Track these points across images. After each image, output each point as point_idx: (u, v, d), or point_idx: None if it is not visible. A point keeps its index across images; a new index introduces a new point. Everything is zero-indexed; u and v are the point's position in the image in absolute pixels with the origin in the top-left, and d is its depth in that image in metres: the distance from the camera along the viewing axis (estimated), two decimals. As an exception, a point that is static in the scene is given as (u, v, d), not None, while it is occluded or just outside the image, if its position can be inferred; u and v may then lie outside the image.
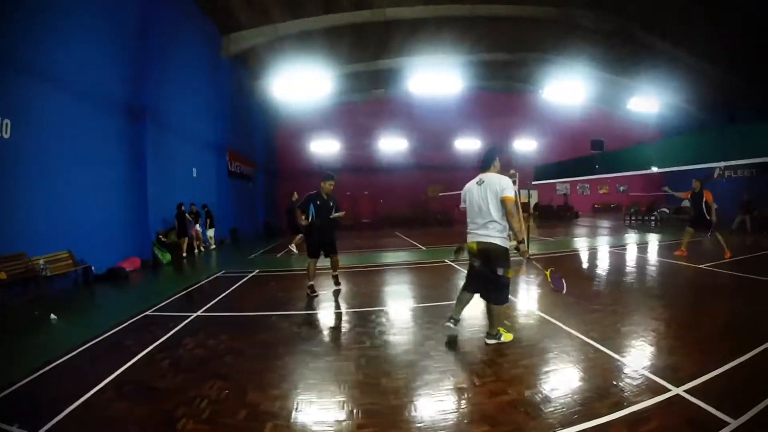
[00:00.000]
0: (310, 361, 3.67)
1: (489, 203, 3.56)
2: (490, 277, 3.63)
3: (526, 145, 26.64)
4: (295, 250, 11.22)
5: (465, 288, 3.98)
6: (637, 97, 20.57)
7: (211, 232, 12.87)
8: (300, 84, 15.77)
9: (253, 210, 19.95)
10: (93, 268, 7.89)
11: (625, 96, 21.58)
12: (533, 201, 27.58)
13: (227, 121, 16.12)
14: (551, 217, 24.15)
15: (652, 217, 18.21)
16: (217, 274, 8.57)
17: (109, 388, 3.24)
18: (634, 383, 2.92)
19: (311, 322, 4.98)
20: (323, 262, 6.43)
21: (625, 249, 10.76)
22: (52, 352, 3.98)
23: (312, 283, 6.21)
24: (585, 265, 8.60)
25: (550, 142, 26.12)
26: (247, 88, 16.74)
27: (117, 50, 9.31)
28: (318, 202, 6.12)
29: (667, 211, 18.78)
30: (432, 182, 24.12)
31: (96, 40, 8.52)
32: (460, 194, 4.03)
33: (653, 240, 12.58)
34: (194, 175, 13.72)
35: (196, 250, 12.30)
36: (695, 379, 2.87)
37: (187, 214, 11.43)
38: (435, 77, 17.17)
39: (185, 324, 5.00)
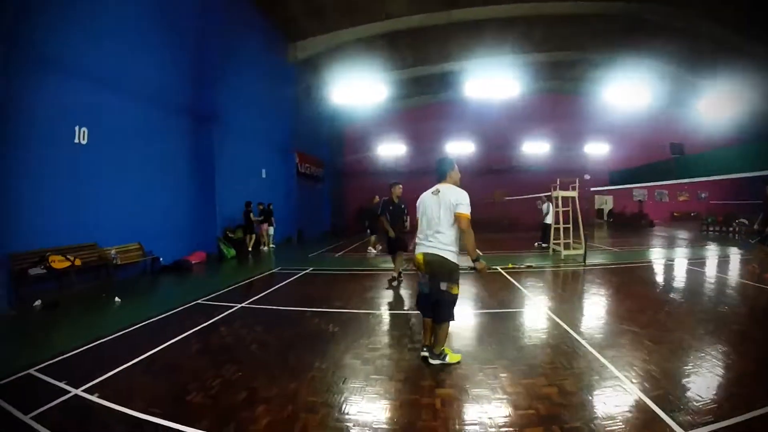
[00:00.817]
0: (324, 357, 3.77)
1: (441, 215, 3.40)
2: (434, 293, 3.43)
3: (597, 149, 25.12)
4: (374, 251, 11.63)
5: (422, 314, 3.70)
6: (710, 98, 18.20)
7: (270, 230, 13.70)
8: (363, 88, 16.24)
9: (321, 210, 20.97)
10: (161, 259, 8.87)
11: (698, 97, 19.42)
12: (607, 208, 25.79)
13: (295, 124, 17.25)
14: (623, 225, 22.33)
15: (730, 228, 16.32)
16: (273, 270, 9.15)
17: (142, 363, 3.66)
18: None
19: (342, 321, 5.09)
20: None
21: (693, 264, 9.25)
22: (107, 330, 4.58)
23: (396, 274, 7.18)
24: (637, 281, 7.52)
25: (624, 146, 24.46)
26: (314, 93, 17.66)
27: (185, 60, 10.46)
28: (391, 207, 7.10)
29: (747, 222, 16.47)
30: (498, 187, 23.59)
31: (165, 51, 9.63)
32: (526, 198, 4.00)
33: (729, 254, 10.84)
34: (263, 175, 14.81)
35: (265, 247, 13.20)
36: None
37: (252, 214, 12.33)
38: (498, 79, 16.63)
39: (227, 313, 5.43)
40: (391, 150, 25.13)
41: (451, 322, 3.48)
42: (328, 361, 3.63)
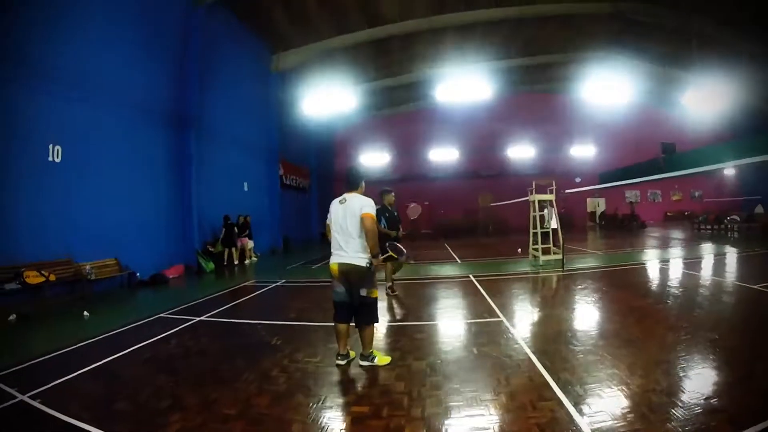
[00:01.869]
0: (254, 369, 4.23)
1: (348, 224, 3.78)
2: (355, 299, 3.83)
3: (584, 151, 25.99)
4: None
5: (336, 320, 4.01)
6: (699, 94, 18.65)
7: (250, 244, 14.25)
8: (347, 96, 16.83)
9: (309, 217, 21.65)
10: (138, 274, 9.48)
11: (687, 94, 19.92)
12: (600, 209, 26.36)
13: (279, 135, 17.96)
14: (615, 227, 23.01)
15: (722, 226, 16.93)
16: (246, 283, 9.71)
17: (89, 373, 4.20)
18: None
19: (289, 333, 5.51)
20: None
21: (676, 264, 9.82)
22: (69, 342, 5.15)
23: (390, 283, 7.51)
24: (613, 285, 7.70)
25: (613, 147, 25.36)
26: (298, 102, 18.41)
27: (166, 72, 11.23)
28: (386, 215, 7.30)
29: (738, 218, 16.88)
30: (484, 191, 24.24)
31: (145, 63, 10.39)
32: (510, 203, 4.57)
33: (718, 253, 11.37)
34: (245, 188, 15.46)
35: (247, 260, 13.77)
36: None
37: (234, 226, 12.94)
38: (481, 83, 17.16)
39: (184, 326, 5.97)
40: (378, 157, 26.30)
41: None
42: (256, 373, 4.05)
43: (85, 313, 6.62)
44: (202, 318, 6.46)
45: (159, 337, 5.46)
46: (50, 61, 7.71)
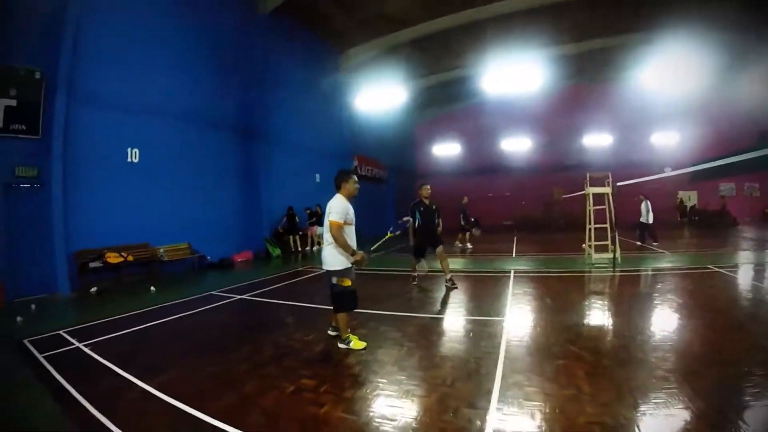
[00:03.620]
0: (254, 342, 5.11)
1: (325, 221, 4.46)
2: (329, 285, 4.47)
3: (666, 139, 23.42)
4: (470, 246, 13.87)
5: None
6: None
7: (319, 231, 15.61)
8: (413, 91, 17.36)
9: (383, 210, 22.71)
10: (209, 257, 11.17)
11: None
12: (690, 204, 23.44)
13: (352, 130, 19.31)
14: (703, 224, 20.44)
15: None
16: (299, 269, 10.89)
17: (132, 332, 5.45)
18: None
19: (303, 314, 6.26)
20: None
21: (744, 276, 8.10)
22: (131, 309, 6.62)
23: (415, 275, 7.99)
24: (657, 293, 6.83)
25: (701, 135, 22.37)
26: (368, 98, 19.39)
27: (232, 82, 12.92)
28: (422, 209, 7.65)
29: None
30: (559, 184, 23.09)
31: (211, 78, 12.15)
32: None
33: None
34: (317, 180, 16.90)
35: (315, 247, 15.17)
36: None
37: (295, 217, 14.42)
38: (545, 73, 16.36)
39: (224, 303, 7.17)
40: (452, 149, 26.84)
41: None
42: (252, 344, 4.80)
43: (152, 288, 8.21)
44: (243, 296, 7.62)
45: (198, 309, 6.67)
46: (122, 81, 9.59)
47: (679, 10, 14.99)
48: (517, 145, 25.56)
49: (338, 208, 4.39)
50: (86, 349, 4.75)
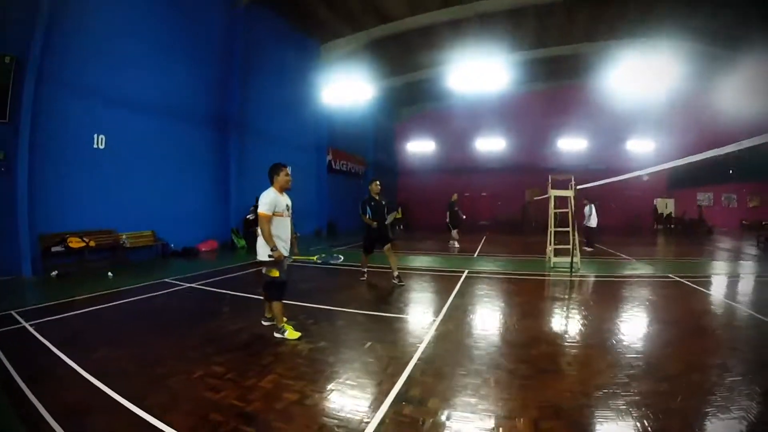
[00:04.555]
0: (192, 329, 5.67)
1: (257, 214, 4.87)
2: (262, 275, 4.96)
3: (642, 146, 24.48)
4: (457, 245, 14.51)
5: None
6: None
7: (287, 224, 16.29)
8: (391, 87, 17.88)
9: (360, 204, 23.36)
10: (172, 245, 11.74)
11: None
12: (666, 212, 24.44)
13: (329, 123, 19.82)
14: (680, 231, 22.06)
15: None
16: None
17: (79, 314, 6.07)
18: None
19: (243, 304, 6.54)
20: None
21: (700, 282, 8.58)
22: (84, 293, 7.20)
23: (365, 270, 8.54)
24: (606, 299, 7.24)
25: (676, 141, 23.48)
26: (347, 92, 19.92)
27: (207, 74, 13.41)
28: (372, 203, 8.09)
29: None
30: (534, 185, 23.88)
31: (186, 66, 12.61)
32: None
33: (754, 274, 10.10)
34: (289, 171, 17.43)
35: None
36: None
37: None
38: (518, 75, 17.03)
39: (172, 290, 7.74)
40: (430, 147, 28.11)
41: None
42: (184, 329, 5.46)
43: (109, 273, 8.79)
44: (192, 285, 8.20)
45: (146, 295, 7.25)
46: (93, 70, 10.08)
47: (656, 19, 15.63)
48: (494, 146, 26.63)
49: (266, 199, 4.84)
50: (31, 329, 5.32)
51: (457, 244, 14.57)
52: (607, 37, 17.97)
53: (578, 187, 10.26)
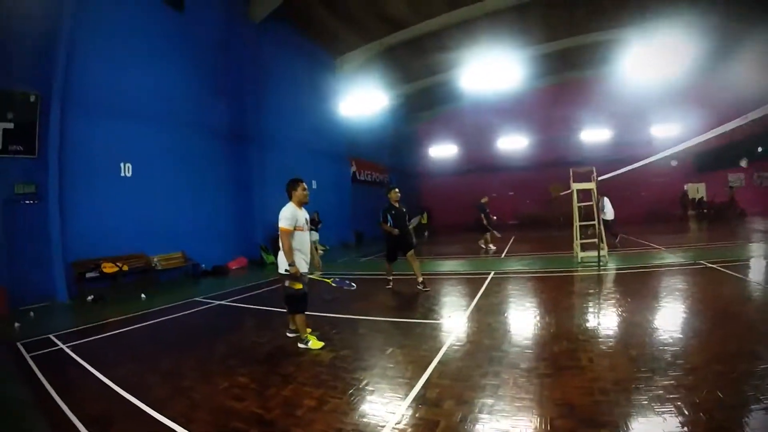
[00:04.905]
0: (215, 344, 5.87)
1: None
2: (283, 288, 5.06)
3: (665, 131, 23.04)
4: (492, 247, 14.16)
5: None
6: None
7: (313, 236, 16.52)
8: (408, 93, 18.00)
9: (386, 212, 23.60)
10: (203, 265, 12.10)
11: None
12: (697, 196, 23.28)
13: (349, 134, 20.14)
14: (712, 216, 20.84)
15: None
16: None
17: (111, 336, 6.36)
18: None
19: (268, 319, 6.55)
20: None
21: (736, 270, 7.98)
22: (118, 314, 7.53)
23: (390, 278, 8.52)
24: (634, 293, 6.83)
25: (703, 122, 21.98)
26: (365, 101, 20.23)
27: (224, 92, 13.91)
28: (393, 212, 8.05)
29: None
30: (557, 180, 23.30)
31: (204, 87, 13.16)
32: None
33: None
34: (314, 186, 17.78)
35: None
36: None
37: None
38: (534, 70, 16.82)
39: (202, 308, 7.99)
40: (453, 150, 27.92)
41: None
42: (209, 344, 5.62)
43: (143, 295, 9.15)
44: (222, 302, 8.43)
45: (176, 315, 7.51)
46: (114, 98, 10.60)
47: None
48: (516, 144, 26.30)
49: (286, 214, 4.96)
50: (67, 350, 5.60)
51: (493, 247, 14.16)
52: (614, 25, 17.60)
53: (599, 178, 9.89)
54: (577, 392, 3.34)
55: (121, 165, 10.71)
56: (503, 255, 13.06)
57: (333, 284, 6.00)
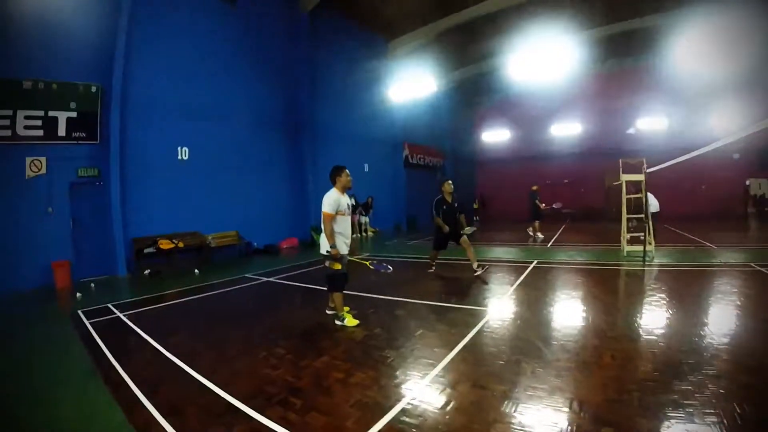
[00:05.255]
0: (260, 320, 6.21)
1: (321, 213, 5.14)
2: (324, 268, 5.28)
3: (726, 121, 20.34)
4: (540, 235, 14.00)
5: None
6: None
7: (362, 219, 16.86)
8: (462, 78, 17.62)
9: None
10: (255, 244, 12.64)
11: None
12: (760, 192, 21.10)
13: (402, 118, 20.12)
14: (766, 216, 19.18)
15: None
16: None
17: (165, 307, 6.81)
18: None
19: (312, 296, 6.45)
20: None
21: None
22: (173, 288, 8.06)
23: (433, 264, 8.65)
24: (678, 292, 6.42)
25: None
26: (418, 85, 20.10)
27: (278, 82, 14.41)
28: (445, 207, 8.10)
29: None
30: (614, 170, 21.91)
31: (258, 78, 13.67)
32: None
33: None
34: (366, 169, 18.01)
35: (361, 234, 16.46)
36: None
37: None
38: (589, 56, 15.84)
39: (251, 284, 8.36)
40: (509, 136, 27.00)
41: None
42: (253, 318, 5.96)
43: (196, 271, 9.72)
44: (270, 279, 8.80)
45: (226, 289, 7.93)
46: (171, 89, 11.25)
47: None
48: (572, 131, 25.02)
49: (329, 200, 5.15)
50: (124, 318, 6.09)
51: (540, 235, 13.79)
52: (674, 6, 16.25)
53: (649, 170, 9.31)
54: (591, 389, 3.30)
55: (178, 149, 11.34)
56: (550, 244, 12.70)
57: (371, 267, 6.20)
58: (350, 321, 5.26)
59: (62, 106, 9.45)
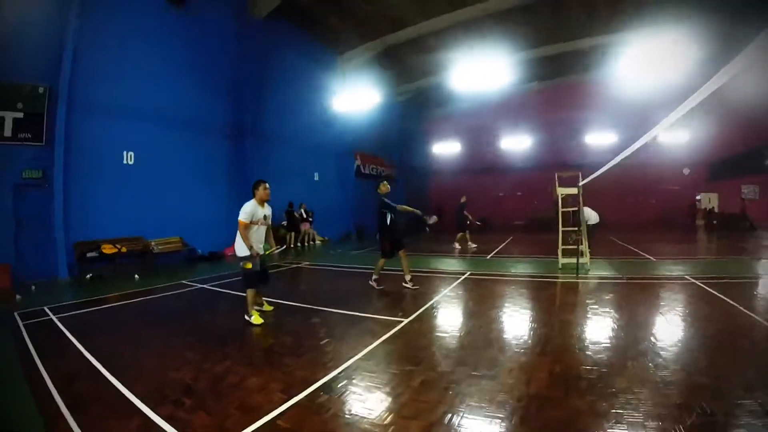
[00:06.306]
0: (181, 326, 6.91)
1: None
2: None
3: (677, 138, 22.72)
4: (472, 244, 15.00)
5: None
6: None
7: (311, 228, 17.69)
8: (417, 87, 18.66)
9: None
10: (199, 250, 13.26)
11: None
12: (710, 206, 23.13)
13: (353, 129, 21.05)
14: (721, 228, 20.62)
15: None
16: (282, 264, 12.68)
17: (97, 310, 7.45)
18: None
19: (235, 303, 6.74)
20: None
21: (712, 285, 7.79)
22: (108, 292, 8.66)
23: (377, 277, 8.49)
24: (599, 303, 6.88)
25: (720, 132, 22.34)
26: (369, 98, 21.04)
27: (224, 87, 15.03)
28: (393, 206, 8.12)
29: None
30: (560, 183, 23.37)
31: (201, 82, 14.20)
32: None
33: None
34: (316, 178, 18.79)
35: (309, 243, 17.21)
36: None
37: (294, 213, 16.35)
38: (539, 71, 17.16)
39: (185, 290, 9.01)
40: (459, 148, 28.47)
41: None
42: (182, 324, 6.63)
43: (136, 276, 10.33)
44: (204, 286, 9.46)
45: (161, 294, 8.58)
46: (118, 92, 11.78)
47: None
48: (523, 144, 26.67)
49: (245, 209, 6.02)
50: (56, 320, 6.70)
51: (473, 244, 14.84)
52: (611, 29, 17.81)
53: (581, 183, 10.15)
54: (472, 401, 3.57)
55: (124, 153, 11.90)
56: (489, 256, 13.46)
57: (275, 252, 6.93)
58: (256, 319, 6.05)
59: (8, 107, 9.89)
